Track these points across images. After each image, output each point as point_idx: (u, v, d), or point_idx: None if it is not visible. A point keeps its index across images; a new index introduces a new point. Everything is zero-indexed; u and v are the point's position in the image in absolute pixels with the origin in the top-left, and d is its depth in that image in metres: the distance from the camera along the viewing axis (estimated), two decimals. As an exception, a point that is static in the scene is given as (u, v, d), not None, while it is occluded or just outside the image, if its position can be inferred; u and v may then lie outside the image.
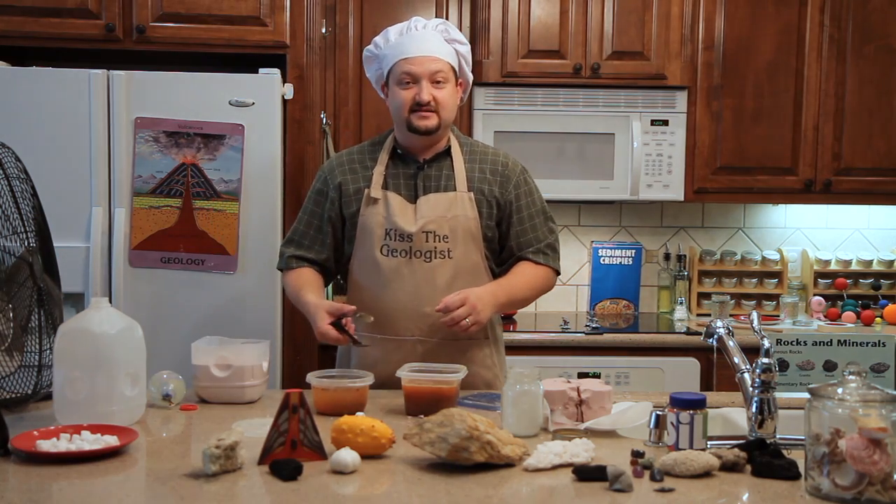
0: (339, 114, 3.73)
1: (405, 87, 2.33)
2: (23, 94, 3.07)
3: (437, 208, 2.35)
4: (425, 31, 2.37)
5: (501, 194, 2.41)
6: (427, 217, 2.34)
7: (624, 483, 1.52)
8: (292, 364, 3.28)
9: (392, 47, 2.37)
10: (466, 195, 2.37)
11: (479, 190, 2.39)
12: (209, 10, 3.21)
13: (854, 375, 1.51)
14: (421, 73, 2.32)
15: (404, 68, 2.33)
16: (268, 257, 3.15)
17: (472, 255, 2.37)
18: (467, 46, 2.43)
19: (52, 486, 1.54)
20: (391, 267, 2.34)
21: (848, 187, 3.86)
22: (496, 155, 2.46)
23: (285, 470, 1.57)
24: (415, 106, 2.32)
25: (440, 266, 2.34)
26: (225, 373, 2.13)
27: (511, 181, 2.42)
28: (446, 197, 2.36)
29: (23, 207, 2.09)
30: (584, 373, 3.38)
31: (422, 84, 2.31)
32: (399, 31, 2.40)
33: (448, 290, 2.30)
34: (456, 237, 2.35)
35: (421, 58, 2.32)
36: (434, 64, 2.32)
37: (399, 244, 2.34)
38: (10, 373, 1.98)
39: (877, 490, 1.43)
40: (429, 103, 2.31)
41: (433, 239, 2.34)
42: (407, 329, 2.35)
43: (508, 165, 2.44)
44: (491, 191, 2.40)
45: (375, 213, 2.35)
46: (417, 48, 2.33)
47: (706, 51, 3.78)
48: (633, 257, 4.09)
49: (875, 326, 3.87)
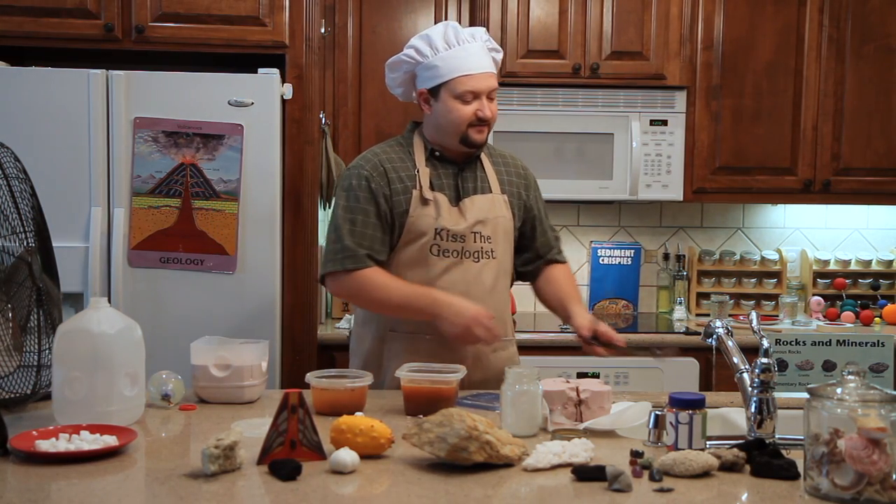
0: (338, 114, 3.74)
1: (465, 103, 2.34)
2: (22, 94, 3.07)
3: (482, 210, 2.39)
4: (476, 45, 2.37)
5: (527, 198, 2.51)
6: (476, 217, 2.38)
7: (623, 483, 1.52)
8: (291, 364, 3.28)
9: (445, 59, 2.34)
10: (501, 197, 2.44)
11: (509, 193, 2.47)
12: (208, 9, 3.21)
13: (853, 375, 1.51)
14: (483, 89, 2.35)
15: (468, 86, 2.33)
16: (267, 257, 3.15)
17: (508, 256, 2.46)
18: (500, 53, 2.48)
19: (51, 485, 1.54)
20: (442, 267, 2.35)
21: (847, 187, 3.86)
22: (514, 158, 2.56)
23: (284, 470, 1.57)
24: (476, 121, 2.35)
25: (486, 266, 2.39)
26: (224, 373, 2.13)
27: (531, 185, 2.54)
28: (487, 199, 2.42)
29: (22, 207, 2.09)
30: (584, 373, 3.38)
31: (483, 101, 2.35)
32: (445, 40, 2.35)
33: (493, 290, 2.39)
34: (497, 238, 2.41)
35: (481, 74, 2.35)
36: (492, 80, 2.37)
37: (451, 244, 2.35)
38: (10, 373, 1.98)
39: (876, 490, 1.43)
40: (490, 120, 2.37)
41: (480, 239, 2.38)
42: None
43: (527, 169, 2.56)
44: (518, 193, 2.49)
45: (426, 215, 2.35)
46: (477, 64, 2.35)
47: (705, 51, 3.78)
48: (633, 257, 4.09)
49: (874, 326, 3.87)
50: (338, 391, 2.03)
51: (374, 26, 3.73)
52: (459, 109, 2.34)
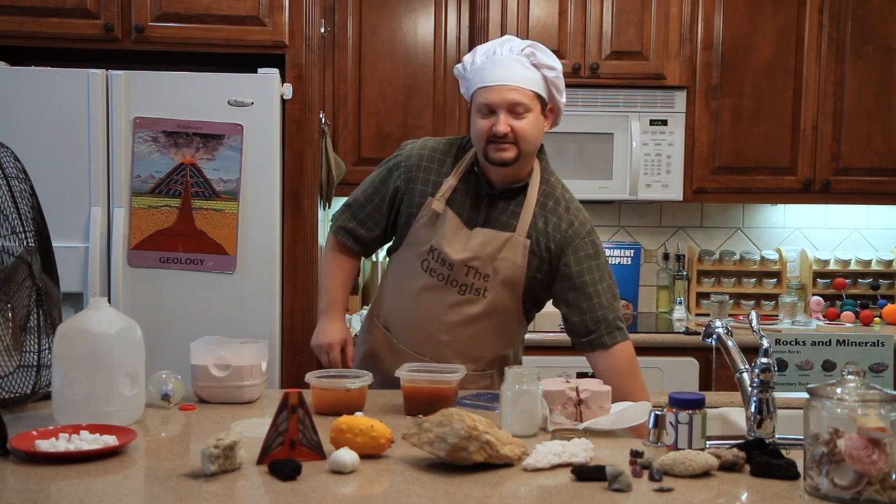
0: (337, 114, 3.74)
1: (484, 117, 2.19)
2: (22, 94, 3.07)
3: (488, 246, 2.23)
4: (508, 56, 2.19)
5: (558, 257, 2.25)
6: (475, 252, 2.23)
7: (623, 483, 1.52)
8: (291, 364, 3.28)
9: (474, 72, 2.23)
10: (522, 241, 2.23)
11: (535, 241, 2.24)
12: (208, 9, 3.21)
13: (853, 375, 1.51)
14: (498, 102, 2.16)
15: (483, 98, 2.18)
16: (267, 257, 3.15)
17: (505, 300, 2.28)
18: (557, 71, 2.23)
19: (50, 485, 1.54)
20: (425, 284, 2.29)
21: (847, 187, 3.86)
22: (567, 209, 2.28)
23: (284, 470, 1.57)
24: (492, 137, 2.17)
25: (471, 301, 2.26)
26: (224, 373, 2.13)
27: (573, 247, 2.24)
28: (501, 237, 2.24)
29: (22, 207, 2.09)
30: (583, 373, 3.37)
31: (499, 115, 2.16)
32: (485, 53, 2.23)
33: (471, 326, 2.27)
34: (496, 280, 2.25)
35: (499, 87, 2.16)
36: (512, 94, 2.16)
37: (439, 267, 2.27)
38: (9, 373, 1.98)
39: (876, 490, 1.43)
40: (506, 135, 2.16)
41: (473, 275, 2.24)
42: (420, 347, 2.31)
43: (574, 226, 2.26)
44: (547, 246, 2.25)
45: (429, 227, 2.27)
46: (497, 76, 2.17)
47: (705, 51, 3.78)
48: (632, 257, 4.09)
49: (874, 326, 3.87)
50: (337, 391, 2.03)
51: (374, 26, 3.73)
52: (478, 123, 2.21)
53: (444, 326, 2.29)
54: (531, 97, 2.19)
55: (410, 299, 2.32)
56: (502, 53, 2.20)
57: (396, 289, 2.37)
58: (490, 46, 2.24)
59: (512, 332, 2.37)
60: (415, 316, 2.32)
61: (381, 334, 2.39)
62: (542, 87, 2.21)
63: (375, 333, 2.40)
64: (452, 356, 2.28)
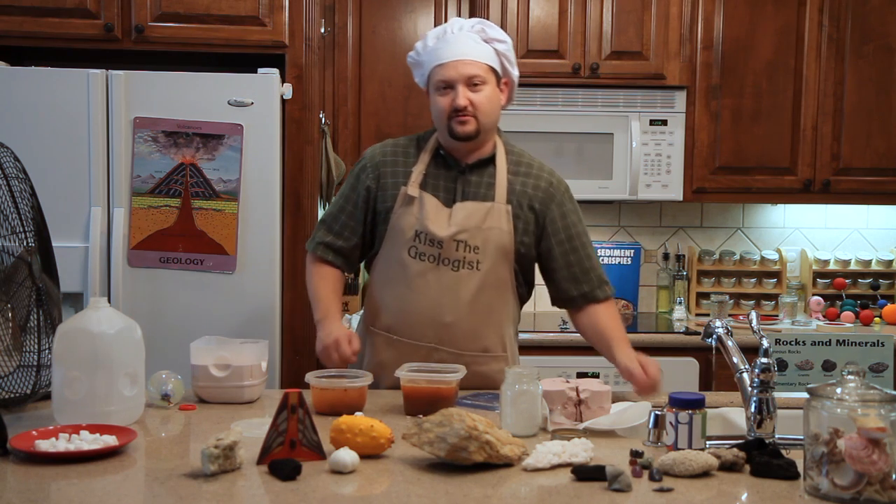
0: (338, 114, 3.74)
1: (442, 94, 2.29)
2: (21, 94, 3.07)
3: (473, 218, 2.28)
4: (460, 34, 2.31)
5: (541, 211, 2.33)
6: (460, 225, 2.27)
7: (623, 483, 1.52)
8: (291, 364, 3.28)
9: (429, 53, 2.32)
10: (504, 207, 2.30)
11: (517, 204, 2.32)
12: (208, 9, 3.21)
13: (853, 375, 1.51)
14: (456, 77, 2.26)
15: (439, 75, 2.28)
16: (267, 257, 3.15)
17: (500, 271, 2.31)
18: (507, 44, 2.35)
19: (50, 485, 1.54)
20: (417, 270, 2.29)
21: (847, 187, 3.86)
22: (541, 169, 2.39)
23: (284, 470, 1.57)
24: (452, 112, 2.26)
25: (466, 277, 2.28)
26: (224, 373, 2.13)
27: (556, 202, 2.34)
28: (483, 207, 2.29)
29: (21, 207, 2.09)
30: (583, 373, 3.38)
31: (458, 89, 2.26)
32: (436, 36, 2.33)
33: (471, 302, 2.29)
34: (487, 250, 2.28)
35: (454, 62, 2.27)
36: (468, 67, 2.26)
37: (428, 248, 2.28)
38: (9, 373, 1.98)
39: (875, 490, 1.43)
40: (466, 108, 2.25)
41: (463, 248, 2.27)
42: (424, 335, 2.31)
43: (553, 183, 2.36)
44: (531, 206, 2.33)
45: (409, 214, 2.30)
46: (451, 52, 2.28)
47: (705, 51, 3.78)
48: (632, 257, 4.09)
49: (874, 326, 3.87)
50: (337, 391, 2.03)
51: (374, 26, 3.73)
52: (438, 102, 2.30)
53: (444, 308, 2.29)
54: (486, 70, 2.29)
55: (405, 289, 2.31)
56: (453, 32, 2.32)
57: (386, 285, 2.36)
58: (440, 29, 2.36)
59: (510, 308, 2.38)
60: (413, 305, 2.31)
61: (381, 339, 2.37)
62: (495, 60, 2.32)
63: (375, 341, 2.38)
64: (459, 337, 2.29)
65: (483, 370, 2.32)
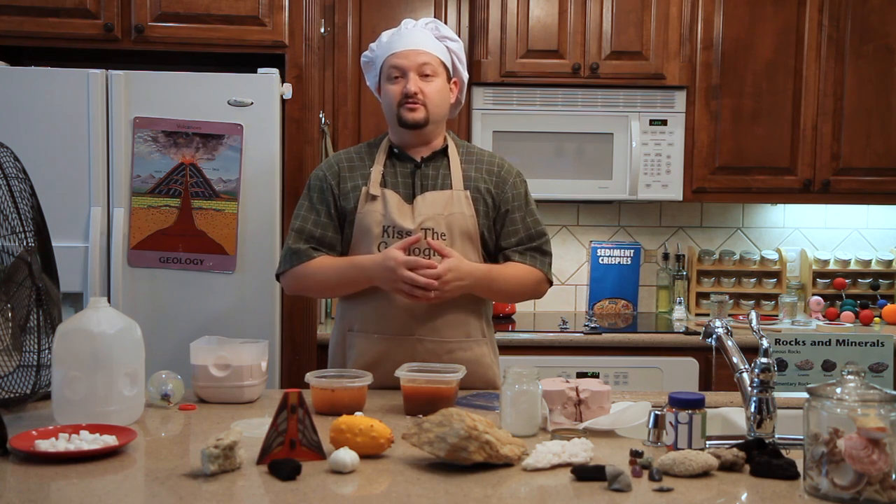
0: (337, 114, 3.74)
1: (394, 82, 2.36)
2: (21, 94, 3.07)
3: (435, 206, 2.34)
4: (414, 29, 2.40)
5: (498, 195, 2.40)
6: (425, 214, 2.33)
7: (622, 483, 1.52)
8: (291, 364, 3.28)
9: (382, 47, 2.41)
10: (463, 193, 2.37)
11: (475, 188, 2.38)
12: (208, 9, 3.21)
13: (853, 375, 1.51)
14: (408, 65, 2.33)
15: (392, 63, 2.36)
16: (267, 257, 3.15)
17: (469, 255, 2.35)
18: (459, 44, 2.44)
19: (50, 485, 1.54)
20: None
21: (846, 187, 3.86)
22: (492, 157, 2.47)
23: (284, 470, 1.57)
24: (403, 99, 2.33)
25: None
26: (224, 373, 2.13)
27: (507, 182, 2.42)
28: (443, 195, 2.36)
29: (21, 207, 2.09)
30: (583, 372, 3.38)
31: (409, 76, 2.33)
32: (390, 33, 2.43)
33: None
34: (453, 235, 2.34)
35: (407, 51, 2.35)
36: (420, 56, 2.34)
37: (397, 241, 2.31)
38: (9, 373, 1.98)
39: (875, 490, 1.43)
40: (416, 94, 2.32)
41: (431, 236, 2.32)
42: (405, 328, 2.33)
43: (504, 167, 2.45)
44: (487, 189, 2.39)
45: (373, 211, 2.34)
46: (406, 43, 2.36)
47: (705, 51, 3.78)
48: (632, 257, 4.09)
49: (874, 326, 3.87)
50: (337, 391, 2.04)
51: (373, 26, 3.73)
52: (389, 90, 2.36)
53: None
54: (438, 62, 2.37)
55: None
56: (408, 28, 2.41)
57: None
58: (395, 28, 2.44)
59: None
60: (389, 300, 2.31)
61: (363, 340, 2.36)
62: (447, 56, 2.41)
63: (357, 342, 2.38)
64: (441, 326, 2.32)
65: (468, 356, 2.35)
